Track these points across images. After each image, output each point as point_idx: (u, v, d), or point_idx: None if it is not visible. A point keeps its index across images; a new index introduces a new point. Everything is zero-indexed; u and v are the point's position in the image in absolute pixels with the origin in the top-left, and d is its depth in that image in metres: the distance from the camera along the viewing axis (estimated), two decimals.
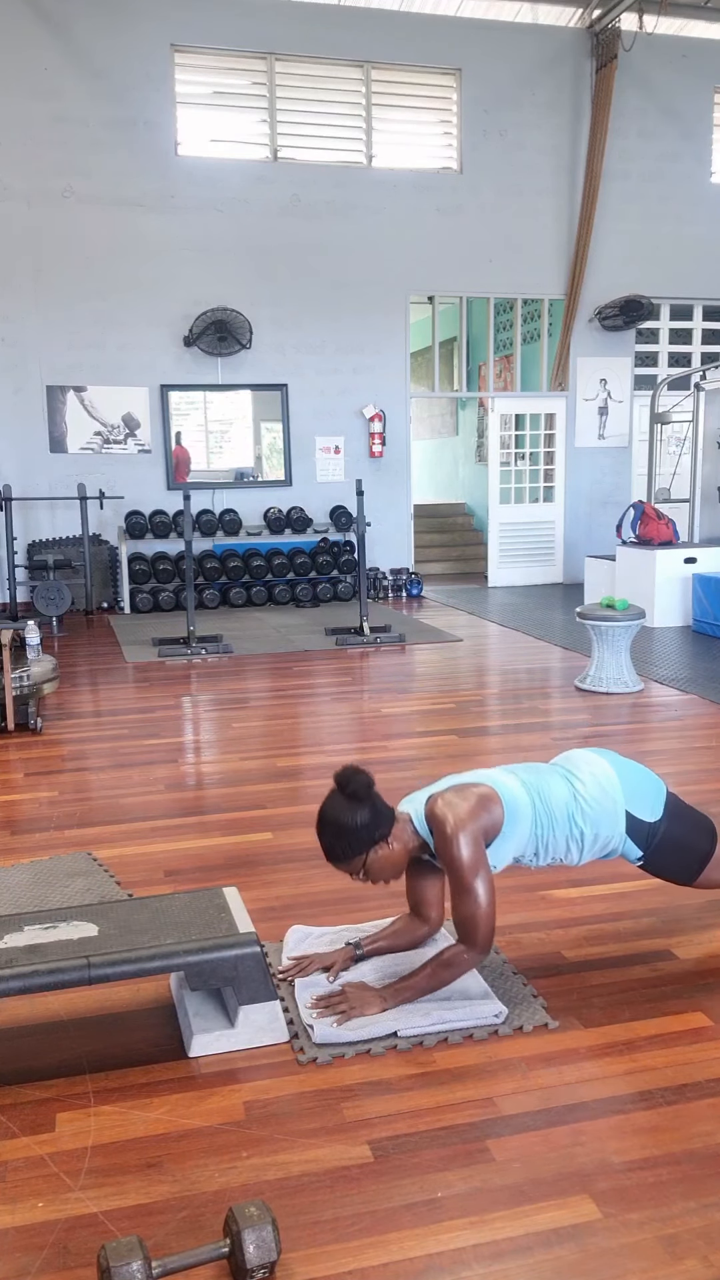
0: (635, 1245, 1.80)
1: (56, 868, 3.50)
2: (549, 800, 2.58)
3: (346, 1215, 1.87)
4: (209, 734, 5.42)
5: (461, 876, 2.43)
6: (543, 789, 2.60)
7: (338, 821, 2.46)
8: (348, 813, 2.45)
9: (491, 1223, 1.85)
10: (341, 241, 10.34)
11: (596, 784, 2.62)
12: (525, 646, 7.72)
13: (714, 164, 11.36)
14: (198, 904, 2.61)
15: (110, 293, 9.80)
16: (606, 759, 2.70)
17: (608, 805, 2.59)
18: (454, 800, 2.49)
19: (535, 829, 2.56)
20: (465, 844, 2.42)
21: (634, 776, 2.67)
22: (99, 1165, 2.03)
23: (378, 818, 2.47)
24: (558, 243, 10.95)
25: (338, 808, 2.47)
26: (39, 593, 8.87)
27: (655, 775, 2.74)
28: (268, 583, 10.10)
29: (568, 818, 2.58)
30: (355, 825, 2.44)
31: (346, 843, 2.47)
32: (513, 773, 2.65)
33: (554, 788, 2.61)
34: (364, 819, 2.45)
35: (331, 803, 2.49)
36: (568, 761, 2.74)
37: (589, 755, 2.73)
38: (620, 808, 2.60)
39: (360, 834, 2.45)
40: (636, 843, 2.62)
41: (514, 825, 2.52)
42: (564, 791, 2.60)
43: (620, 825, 2.60)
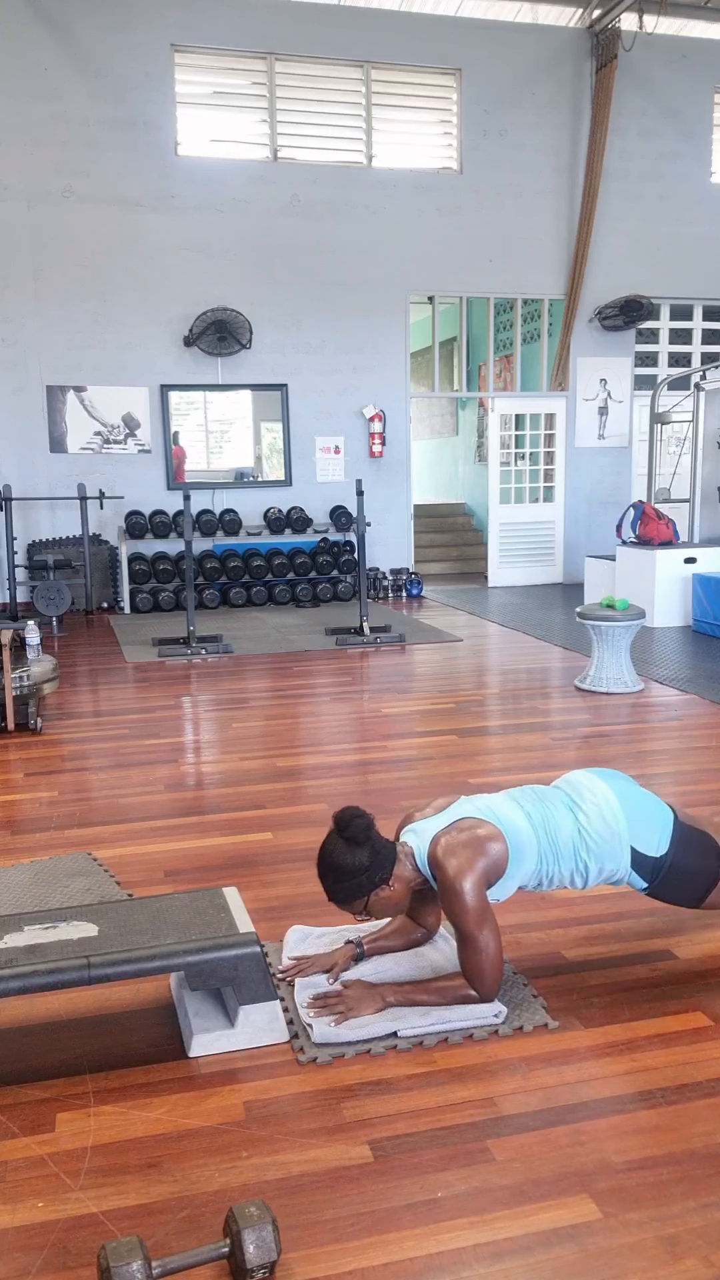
0: (635, 1245, 1.80)
1: (56, 868, 3.50)
2: (554, 835, 2.56)
3: (346, 1215, 1.87)
4: (209, 734, 5.42)
5: (465, 928, 2.43)
6: (548, 822, 2.57)
7: (338, 866, 2.44)
8: (348, 856, 2.43)
9: (491, 1223, 1.85)
10: (341, 241, 10.34)
11: (600, 818, 2.57)
12: (525, 646, 7.72)
13: (714, 164, 11.36)
14: (198, 904, 2.61)
15: (110, 292, 9.80)
16: (610, 787, 2.64)
17: (611, 841, 2.55)
18: (457, 847, 2.46)
19: (540, 865, 2.55)
20: (468, 894, 2.41)
21: (638, 807, 2.61)
22: (99, 1165, 2.03)
23: (378, 860, 2.45)
24: (558, 243, 10.95)
25: (338, 851, 2.45)
26: (39, 593, 8.87)
27: (660, 803, 2.67)
28: (268, 583, 10.10)
29: (573, 852, 2.56)
30: (356, 868, 2.43)
31: (348, 887, 2.45)
32: (518, 804, 2.61)
33: (559, 821, 2.57)
34: (364, 862, 2.43)
35: (331, 846, 2.47)
36: (571, 788, 2.68)
37: (592, 782, 2.67)
38: (625, 843, 2.56)
39: (361, 877, 2.44)
40: (642, 876, 2.61)
41: (519, 865, 2.52)
42: (569, 825, 2.57)
43: (625, 860, 2.57)
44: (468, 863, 2.43)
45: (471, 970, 2.46)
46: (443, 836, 2.50)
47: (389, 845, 2.50)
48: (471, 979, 2.47)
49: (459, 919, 2.43)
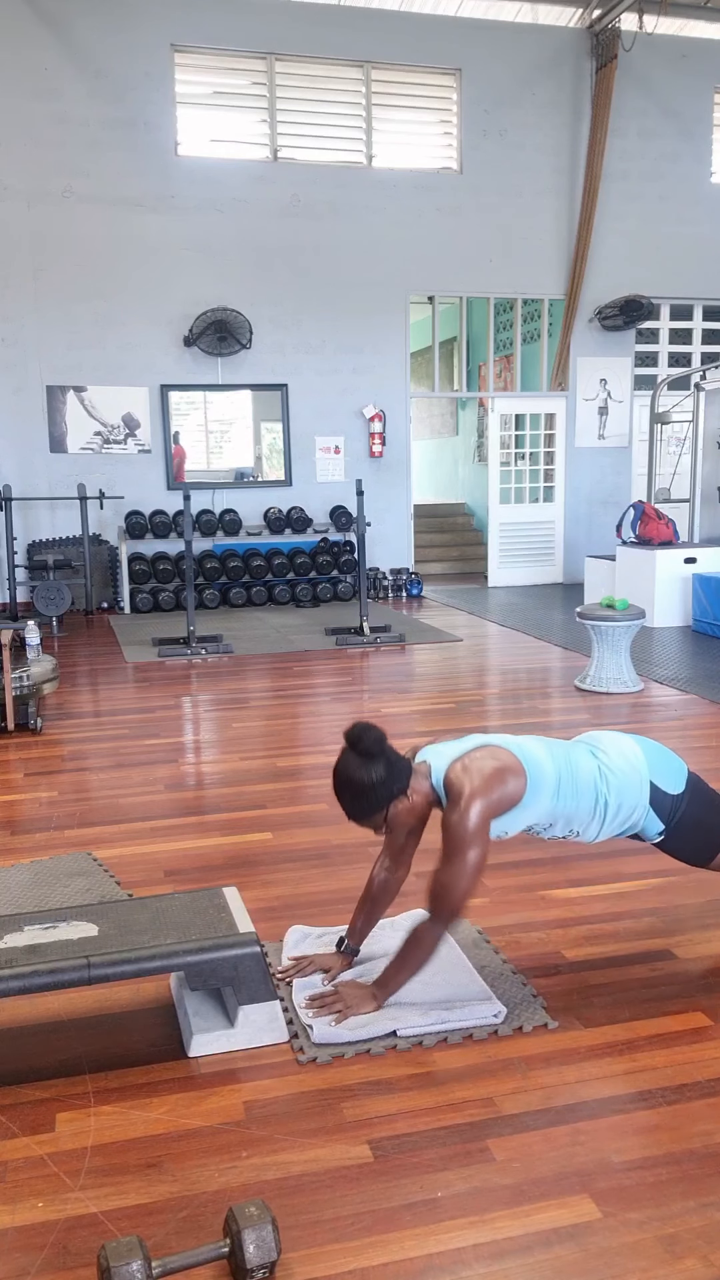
0: (635, 1245, 1.80)
1: (56, 868, 3.50)
2: (575, 770, 2.54)
3: (346, 1215, 1.87)
4: (209, 734, 5.42)
5: (456, 844, 2.37)
6: (570, 759, 2.57)
7: (355, 780, 2.40)
8: (363, 770, 2.39)
9: (491, 1222, 1.85)
10: (341, 241, 10.34)
11: (621, 756, 2.60)
12: (525, 646, 7.72)
13: (714, 164, 11.36)
14: (198, 904, 2.61)
15: (110, 292, 9.80)
16: (631, 737, 2.70)
17: (632, 776, 2.56)
18: (474, 769, 2.43)
19: (557, 801, 2.51)
20: (472, 815, 2.36)
21: (657, 751, 2.67)
22: (99, 1165, 2.03)
23: (394, 772, 2.41)
24: (558, 243, 10.95)
25: (353, 766, 2.41)
26: (39, 593, 8.87)
27: (677, 756, 2.73)
28: (268, 583, 10.10)
29: (592, 787, 2.54)
30: (373, 782, 2.39)
31: (366, 800, 2.41)
32: (541, 741, 2.61)
33: (579, 759, 2.58)
34: (380, 775, 2.39)
35: (346, 762, 2.43)
36: (589, 737, 2.72)
37: (612, 734, 2.72)
38: (645, 778, 2.57)
39: (379, 790, 2.40)
40: (660, 816, 2.59)
41: (535, 796, 2.48)
42: (589, 763, 2.58)
43: (644, 796, 2.57)
44: (482, 788, 2.39)
45: (440, 886, 2.38)
46: (463, 759, 2.47)
47: (403, 758, 2.47)
48: (434, 896, 2.40)
49: (453, 835, 2.37)
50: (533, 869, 3.42)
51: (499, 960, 2.78)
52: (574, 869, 3.41)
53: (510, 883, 3.31)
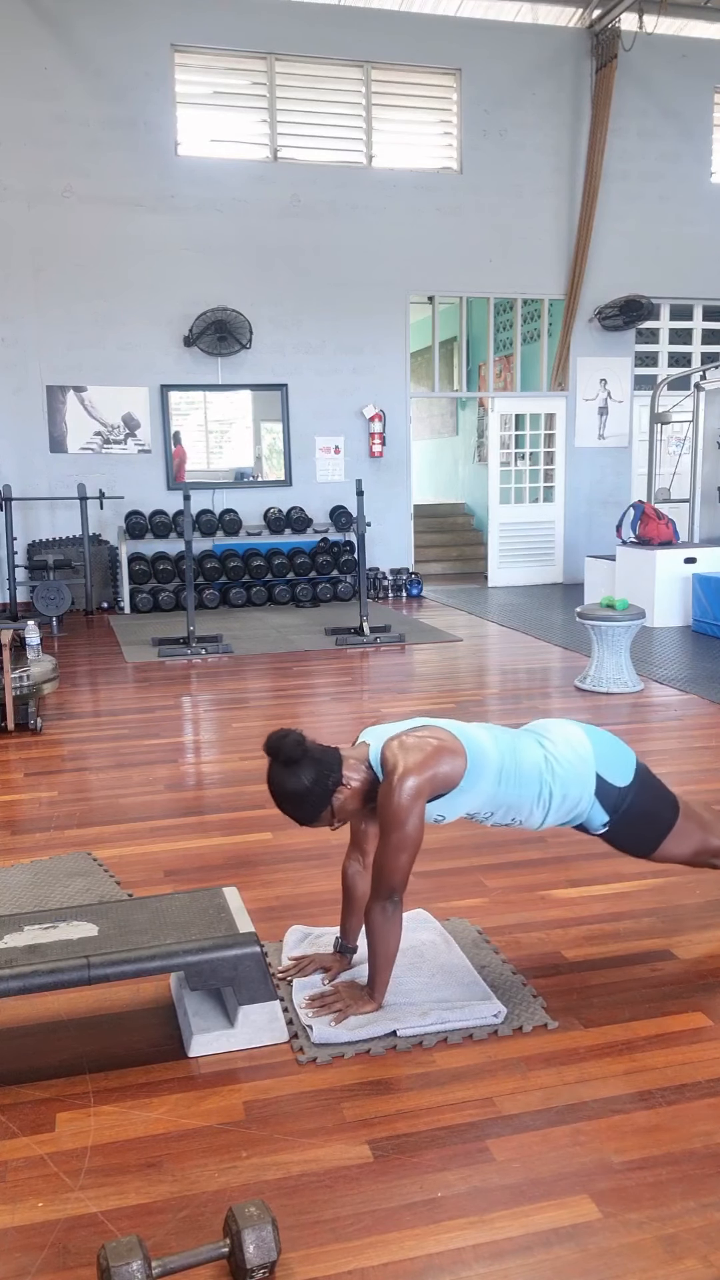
0: (635, 1245, 1.80)
1: (56, 868, 3.50)
2: (519, 758, 2.53)
3: (346, 1215, 1.87)
4: (209, 734, 5.42)
5: (389, 821, 2.37)
6: (514, 746, 2.56)
7: (288, 790, 2.40)
8: (292, 778, 2.39)
9: (491, 1223, 1.85)
10: (341, 241, 10.34)
11: (568, 745, 2.59)
12: (525, 646, 7.72)
13: (714, 164, 11.36)
14: (197, 904, 2.61)
15: (110, 292, 9.80)
16: (578, 724, 2.69)
17: (579, 766, 2.55)
18: (411, 746, 2.42)
19: (499, 786, 2.50)
20: (405, 792, 2.35)
21: (605, 742, 2.65)
22: (99, 1165, 2.03)
23: (322, 769, 2.41)
24: (558, 243, 10.95)
25: (282, 777, 2.41)
26: (39, 593, 8.87)
27: (625, 744, 2.71)
28: (268, 583, 10.10)
29: (537, 777, 2.53)
30: (306, 787, 2.39)
31: (306, 807, 2.42)
32: (486, 728, 2.61)
33: (525, 747, 2.57)
34: (310, 777, 2.39)
35: (275, 776, 2.43)
36: (538, 726, 2.71)
37: (559, 721, 2.72)
38: (591, 769, 2.56)
39: (315, 792, 2.40)
40: (605, 807, 2.58)
41: (476, 779, 2.47)
42: (535, 752, 2.56)
43: (590, 788, 2.56)
44: (416, 765, 2.38)
45: (377, 866, 2.40)
46: (399, 737, 2.46)
47: (327, 750, 2.46)
48: (374, 876, 2.42)
49: (385, 813, 2.37)
50: (533, 869, 3.42)
51: (499, 960, 2.78)
52: (574, 869, 3.41)
53: (510, 883, 3.31)
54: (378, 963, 2.47)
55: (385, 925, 2.43)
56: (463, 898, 3.21)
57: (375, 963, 2.48)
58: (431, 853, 3.56)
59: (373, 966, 2.48)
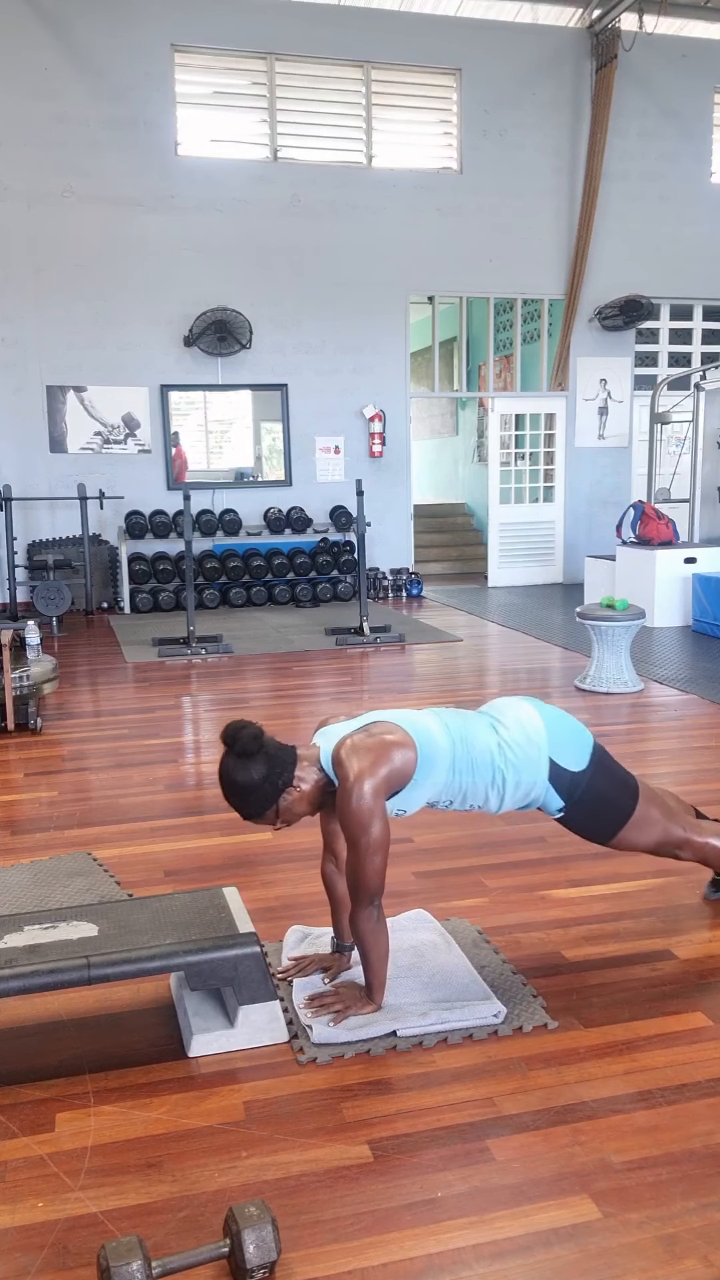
0: (635, 1245, 1.80)
1: (56, 868, 3.50)
2: (471, 746, 2.52)
3: (346, 1215, 1.87)
4: (209, 734, 5.42)
5: (350, 830, 2.36)
6: (466, 733, 2.54)
7: (237, 782, 2.39)
8: (243, 770, 2.38)
9: (491, 1222, 1.85)
10: (341, 241, 10.34)
11: (521, 729, 2.57)
12: (525, 646, 7.72)
13: (714, 164, 11.36)
14: (198, 904, 2.61)
15: (110, 292, 9.80)
16: (534, 706, 2.66)
17: (531, 752, 2.55)
18: (360, 746, 2.40)
19: (453, 775, 2.50)
20: (363, 797, 2.34)
21: (561, 725, 2.63)
22: (99, 1165, 2.03)
23: (275, 766, 2.40)
24: (558, 243, 10.95)
25: (233, 768, 2.40)
26: (39, 593, 8.87)
27: (583, 727, 2.70)
28: (268, 583, 10.10)
29: (489, 763, 2.52)
30: (255, 781, 2.38)
31: (252, 801, 2.40)
32: (437, 715, 2.59)
33: (477, 733, 2.55)
34: (261, 773, 2.38)
35: (226, 765, 2.41)
36: (493, 709, 2.69)
37: (516, 701, 2.69)
38: (544, 754, 2.55)
39: (264, 788, 2.39)
40: (559, 792, 2.58)
41: (428, 772, 2.46)
42: (487, 738, 2.55)
43: (543, 773, 2.55)
44: (369, 766, 2.37)
45: (350, 875, 2.38)
46: (350, 738, 2.45)
47: (284, 748, 2.45)
48: (350, 884, 2.41)
49: (346, 822, 2.36)
50: (533, 869, 3.42)
51: (499, 960, 2.78)
52: (574, 869, 3.41)
53: (510, 883, 3.31)
54: (372, 966, 2.47)
55: (373, 932, 2.43)
56: (463, 898, 3.21)
57: (370, 967, 2.48)
58: (431, 853, 3.56)
59: (367, 971, 2.48)
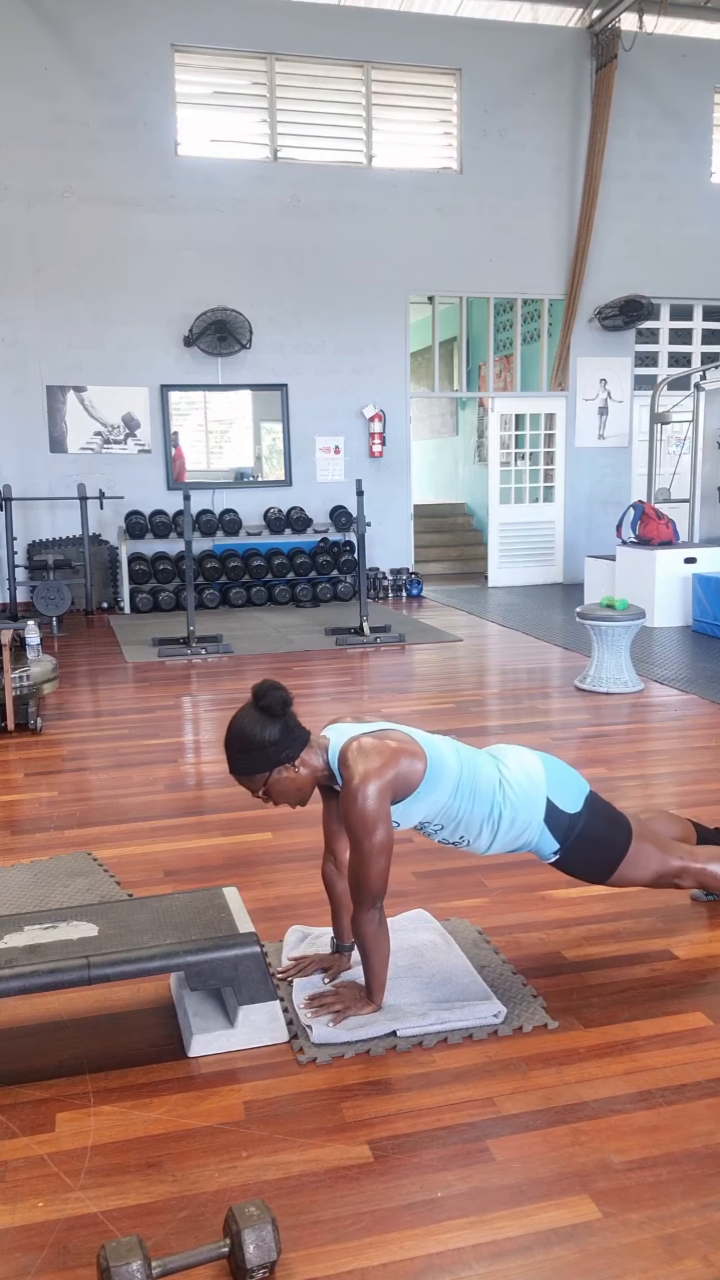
0: (635, 1245, 1.80)
1: (56, 868, 3.50)
2: (476, 774, 2.54)
3: (346, 1215, 1.87)
4: (209, 734, 5.42)
5: (354, 831, 2.35)
6: (473, 763, 2.57)
7: (245, 734, 2.38)
8: (257, 726, 2.37)
9: (491, 1222, 1.85)
10: (341, 241, 10.34)
11: (522, 770, 2.60)
12: (525, 646, 7.72)
13: (714, 164, 11.36)
14: (198, 904, 2.61)
15: (110, 292, 9.80)
16: (533, 752, 2.71)
17: (530, 791, 2.57)
18: (370, 749, 2.40)
19: (454, 798, 2.50)
20: (368, 797, 2.34)
21: (558, 769, 2.67)
22: (99, 1165, 2.03)
23: (288, 738, 2.39)
24: (558, 243, 10.95)
25: (248, 720, 2.39)
26: (39, 593, 8.87)
27: (578, 773, 2.73)
28: (268, 583, 10.10)
29: (490, 795, 2.54)
30: (262, 741, 2.37)
31: (251, 757, 2.39)
32: (449, 740, 2.61)
33: (482, 765, 2.58)
34: (272, 736, 2.37)
35: (243, 714, 2.40)
36: (495, 750, 2.72)
37: (516, 748, 2.73)
38: (542, 795, 2.57)
39: (266, 751, 2.37)
40: (555, 834, 2.59)
41: (433, 787, 2.47)
42: (491, 773, 2.58)
43: (539, 813, 2.56)
44: (377, 769, 2.37)
45: (353, 877, 2.38)
46: (360, 739, 2.44)
47: (303, 729, 2.45)
48: (352, 886, 2.40)
49: (352, 820, 2.35)
50: (533, 869, 3.41)
51: (499, 960, 2.78)
52: None
53: (510, 883, 3.31)
54: (373, 967, 2.47)
55: (375, 934, 2.43)
56: (463, 898, 3.21)
57: (370, 967, 2.48)
58: (431, 853, 3.56)
59: (368, 972, 2.48)
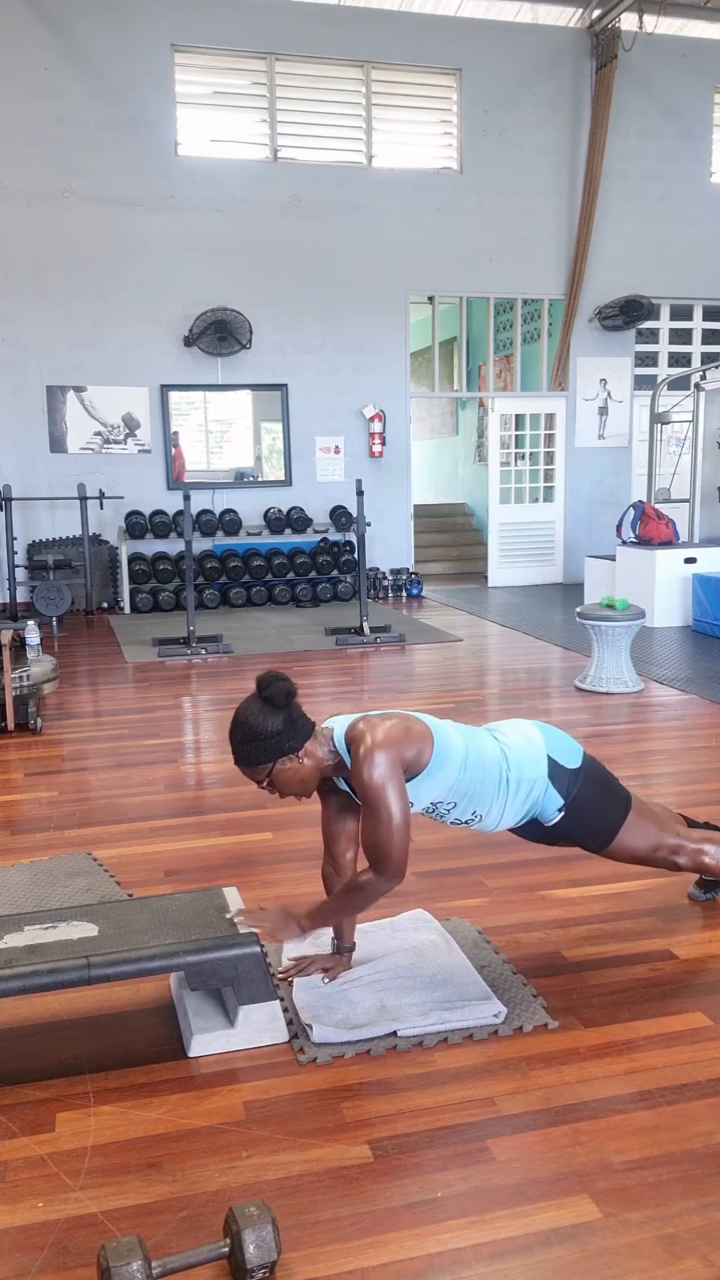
0: (635, 1245, 1.80)
1: (56, 868, 3.50)
2: (479, 748, 2.57)
3: (346, 1215, 1.87)
4: (209, 734, 5.42)
5: (371, 796, 2.34)
6: (475, 738, 2.61)
7: (249, 725, 2.38)
8: (260, 717, 2.38)
9: (491, 1222, 1.85)
10: (341, 241, 10.34)
11: (520, 734, 2.67)
12: (525, 646, 7.72)
13: (714, 164, 11.36)
14: (198, 904, 2.61)
15: (110, 292, 9.80)
16: (527, 721, 2.76)
17: (530, 750, 2.61)
18: (378, 723, 2.42)
19: (464, 771, 2.52)
20: (379, 764, 2.34)
21: (554, 733, 2.72)
22: (99, 1165, 2.03)
23: (292, 728, 2.39)
24: (558, 243, 10.95)
25: (252, 711, 2.39)
26: (39, 593, 8.87)
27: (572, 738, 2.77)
28: (268, 583, 10.10)
29: (496, 763, 2.56)
30: (266, 732, 2.37)
31: (254, 748, 2.39)
32: (449, 722, 2.63)
33: (483, 740, 2.62)
34: (276, 727, 2.37)
35: (247, 705, 2.41)
36: (491, 726, 2.76)
37: (510, 721, 2.79)
38: (542, 752, 2.62)
39: (269, 742, 2.38)
40: (558, 789, 2.61)
41: (441, 765, 2.48)
42: (491, 745, 2.61)
43: (543, 769, 2.59)
44: (388, 739, 2.38)
45: (373, 846, 2.35)
46: (368, 717, 2.47)
47: (307, 719, 2.45)
48: (371, 857, 2.38)
49: (365, 789, 2.34)
50: (533, 869, 3.42)
51: (499, 960, 2.78)
52: (574, 869, 3.41)
53: (510, 883, 3.31)
54: (335, 914, 2.53)
55: (369, 893, 2.43)
56: (463, 898, 3.21)
57: (334, 912, 2.52)
58: (431, 853, 3.56)
59: (329, 911, 2.52)
